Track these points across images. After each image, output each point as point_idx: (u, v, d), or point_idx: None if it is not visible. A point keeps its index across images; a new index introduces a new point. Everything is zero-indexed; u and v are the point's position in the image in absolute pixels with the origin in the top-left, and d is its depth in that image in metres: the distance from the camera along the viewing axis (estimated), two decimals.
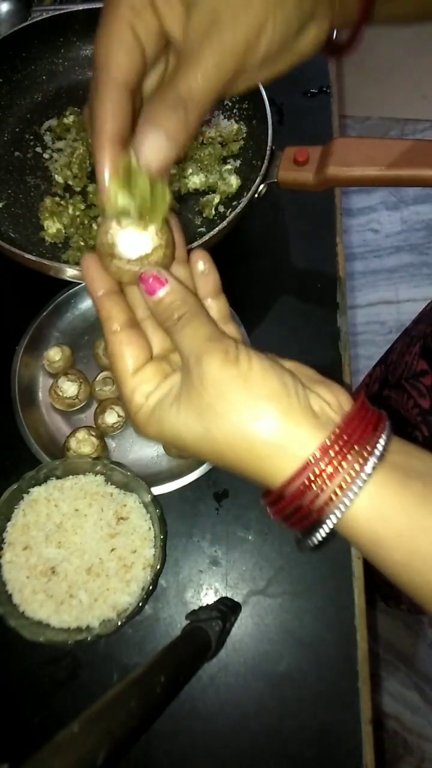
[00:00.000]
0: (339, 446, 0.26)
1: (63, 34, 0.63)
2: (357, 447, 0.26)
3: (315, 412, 0.27)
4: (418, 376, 0.63)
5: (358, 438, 0.26)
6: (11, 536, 0.47)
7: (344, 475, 0.25)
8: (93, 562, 0.46)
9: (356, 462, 0.26)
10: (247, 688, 0.47)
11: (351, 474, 0.25)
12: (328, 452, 0.26)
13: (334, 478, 0.25)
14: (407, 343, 0.69)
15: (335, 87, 0.71)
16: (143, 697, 0.34)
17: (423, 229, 1.68)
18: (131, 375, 0.30)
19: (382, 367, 0.75)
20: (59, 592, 0.45)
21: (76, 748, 0.29)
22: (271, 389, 0.26)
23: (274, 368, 0.27)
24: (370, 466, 0.25)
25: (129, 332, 0.31)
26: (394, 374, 0.69)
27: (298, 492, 0.26)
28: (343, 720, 0.46)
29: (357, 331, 1.58)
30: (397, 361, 0.70)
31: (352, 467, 0.25)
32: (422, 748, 1.16)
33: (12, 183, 0.60)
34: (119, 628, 0.44)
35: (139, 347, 0.31)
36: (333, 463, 0.26)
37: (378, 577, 0.30)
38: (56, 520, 0.47)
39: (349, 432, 0.26)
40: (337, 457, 0.26)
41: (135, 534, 0.47)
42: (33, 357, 0.56)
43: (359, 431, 0.26)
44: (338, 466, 0.25)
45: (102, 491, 0.48)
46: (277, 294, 0.61)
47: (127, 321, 0.31)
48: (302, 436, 0.26)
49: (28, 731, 0.46)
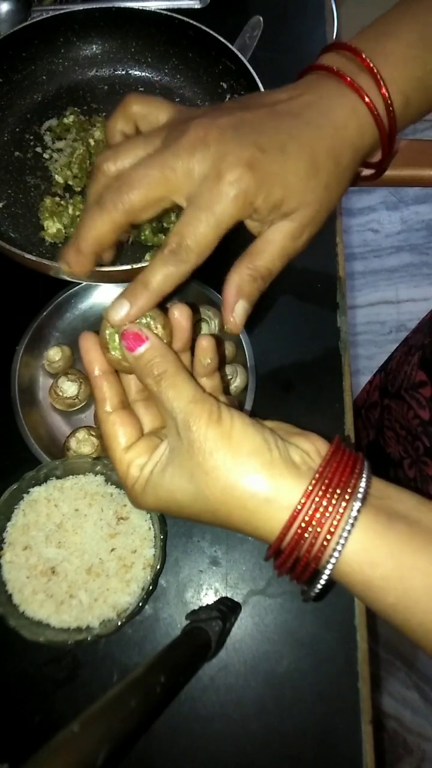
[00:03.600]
0: (322, 490, 0.27)
1: (63, 34, 0.63)
2: (339, 489, 0.27)
3: (296, 463, 0.28)
4: (417, 387, 0.63)
5: (338, 480, 0.27)
6: (11, 536, 0.47)
7: (331, 520, 0.27)
8: (93, 562, 0.46)
9: (340, 505, 0.27)
10: (247, 688, 0.47)
11: (337, 517, 0.27)
12: (312, 497, 0.27)
13: (322, 523, 0.27)
14: (405, 352, 0.69)
15: None
16: (143, 697, 0.34)
17: (423, 229, 1.68)
18: (124, 452, 0.33)
19: (382, 375, 0.75)
20: (59, 592, 0.45)
21: (76, 748, 0.29)
22: (253, 445, 0.28)
23: (255, 426, 0.29)
24: (355, 509, 0.27)
25: (121, 413, 0.33)
26: (394, 384, 0.69)
27: (294, 542, 0.27)
28: (343, 720, 0.46)
29: (357, 331, 1.58)
30: (397, 370, 0.70)
31: (337, 511, 0.27)
32: (422, 748, 1.16)
33: (12, 183, 0.60)
34: (119, 628, 0.44)
35: (131, 426, 0.33)
36: (319, 508, 0.27)
37: None
38: (56, 520, 0.47)
39: (329, 475, 0.28)
40: (321, 501, 0.27)
41: (135, 534, 0.47)
42: (33, 357, 0.56)
43: (338, 473, 0.28)
44: (325, 510, 0.27)
45: (102, 491, 0.48)
46: (277, 294, 0.61)
47: (120, 403, 0.34)
48: (286, 487, 0.27)
49: (28, 731, 0.46)
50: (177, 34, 0.62)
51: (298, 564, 0.28)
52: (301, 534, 0.27)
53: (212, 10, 0.72)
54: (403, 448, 0.67)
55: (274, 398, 0.56)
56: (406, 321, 1.59)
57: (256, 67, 0.58)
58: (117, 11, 0.62)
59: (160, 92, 0.66)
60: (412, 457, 0.65)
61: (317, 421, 0.56)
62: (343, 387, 0.57)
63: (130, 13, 0.62)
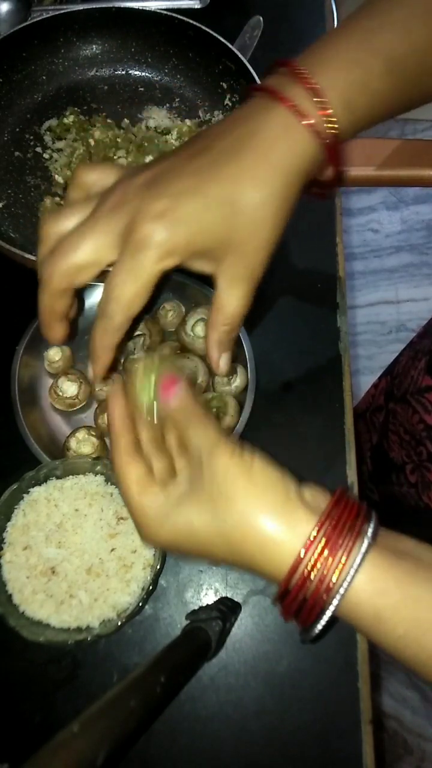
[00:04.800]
0: (332, 526, 0.29)
1: (63, 34, 0.63)
2: (347, 528, 0.29)
3: (308, 501, 0.30)
4: (423, 391, 0.63)
5: (345, 519, 0.29)
6: (11, 536, 0.47)
7: (341, 556, 0.28)
8: (93, 562, 0.46)
9: (350, 541, 0.28)
10: (247, 688, 0.47)
11: (347, 553, 0.28)
12: (322, 532, 0.28)
13: (332, 557, 0.28)
14: (412, 357, 0.69)
15: None
16: (143, 697, 0.34)
17: (423, 229, 1.68)
18: (138, 486, 0.34)
19: (388, 379, 0.75)
20: (59, 592, 0.45)
21: (76, 748, 0.29)
22: (271, 480, 0.30)
23: (273, 464, 0.31)
24: (364, 546, 0.28)
25: (134, 453, 0.35)
26: (400, 388, 0.69)
27: (302, 579, 0.28)
28: (343, 720, 0.46)
29: (357, 331, 1.58)
30: (403, 374, 0.70)
31: (347, 546, 0.28)
32: (422, 748, 1.16)
33: (12, 183, 0.60)
34: (119, 628, 0.44)
35: (143, 465, 0.34)
36: (328, 543, 0.28)
37: None
38: (56, 520, 0.47)
39: (338, 514, 0.29)
40: (331, 536, 0.28)
41: (135, 534, 0.47)
42: (33, 357, 0.56)
43: (346, 514, 0.29)
44: (334, 545, 0.28)
45: (102, 491, 0.48)
46: (277, 294, 0.61)
47: (133, 443, 0.35)
48: (300, 520, 0.29)
49: (28, 731, 0.46)
50: (177, 34, 0.62)
51: (305, 603, 0.29)
52: (313, 565, 0.28)
53: (212, 10, 0.72)
54: (407, 452, 0.67)
55: (274, 398, 0.56)
56: (406, 321, 1.59)
57: (256, 67, 0.58)
58: (117, 11, 0.62)
59: (160, 92, 0.66)
60: (415, 462, 0.65)
61: (317, 421, 0.56)
62: (343, 387, 0.57)
63: (130, 13, 0.62)
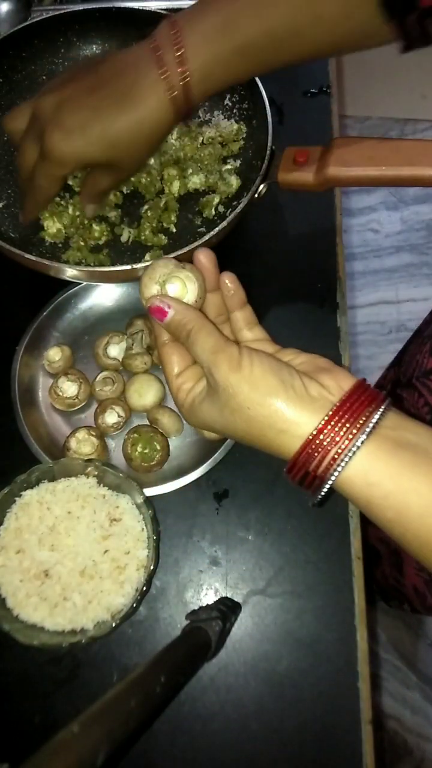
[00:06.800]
0: (334, 422, 0.31)
1: (63, 34, 0.63)
2: (349, 423, 0.31)
3: (313, 397, 0.32)
4: (428, 374, 0.63)
5: (351, 414, 0.31)
6: (4, 540, 0.47)
7: (337, 447, 0.31)
8: (86, 564, 0.46)
9: (349, 434, 0.31)
10: (247, 688, 0.47)
11: (344, 444, 0.31)
12: (324, 429, 0.31)
13: (328, 450, 0.31)
14: (419, 343, 0.69)
15: (335, 87, 0.71)
16: (143, 697, 0.34)
17: (423, 229, 1.68)
18: (175, 377, 0.38)
19: (396, 369, 0.75)
20: (53, 595, 0.45)
21: (76, 748, 0.29)
22: (270, 386, 0.32)
23: (272, 368, 0.33)
24: (360, 440, 0.31)
25: (173, 344, 0.39)
26: (406, 374, 0.69)
27: (303, 463, 0.32)
28: (343, 720, 0.46)
29: (357, 331, 1.58)
30: (409, 361, 0.70)
31: (344, 440, 0.31)
32: (422, 748, 1.16)
33: (12, 183, 0.60)
34: (113, 629, 0.44)
35: (180, 355, 0.38)
36: (328, 437, 0.31)
37: (379, 577, 0.31)
38: (49, 523, 0.47)
39: (345, 409, 0.31)
40: (332, 431, 0.31)
41: (128, 535, 0.47)
42: (33, 357, 0.56)
43: (354, 408, 0.31)
44: (332, 440, 0.31)
45: (94, 493, 0.48)
46: (277, 294, 0.61)
47: (172, 337, 0.39)
48: (301, 420, 0.32)
49: (28, 731, 0.46)
50: None
51: (307, 477, 0.32)
52: (311, 453, 0.31)
53: None
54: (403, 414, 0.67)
55: None
56: (406, 321, 1.59)
57: None
58: (117, 11, 0.62)
59: None
60: None
61: None
62: None
63: (130, 13, 0.62)
